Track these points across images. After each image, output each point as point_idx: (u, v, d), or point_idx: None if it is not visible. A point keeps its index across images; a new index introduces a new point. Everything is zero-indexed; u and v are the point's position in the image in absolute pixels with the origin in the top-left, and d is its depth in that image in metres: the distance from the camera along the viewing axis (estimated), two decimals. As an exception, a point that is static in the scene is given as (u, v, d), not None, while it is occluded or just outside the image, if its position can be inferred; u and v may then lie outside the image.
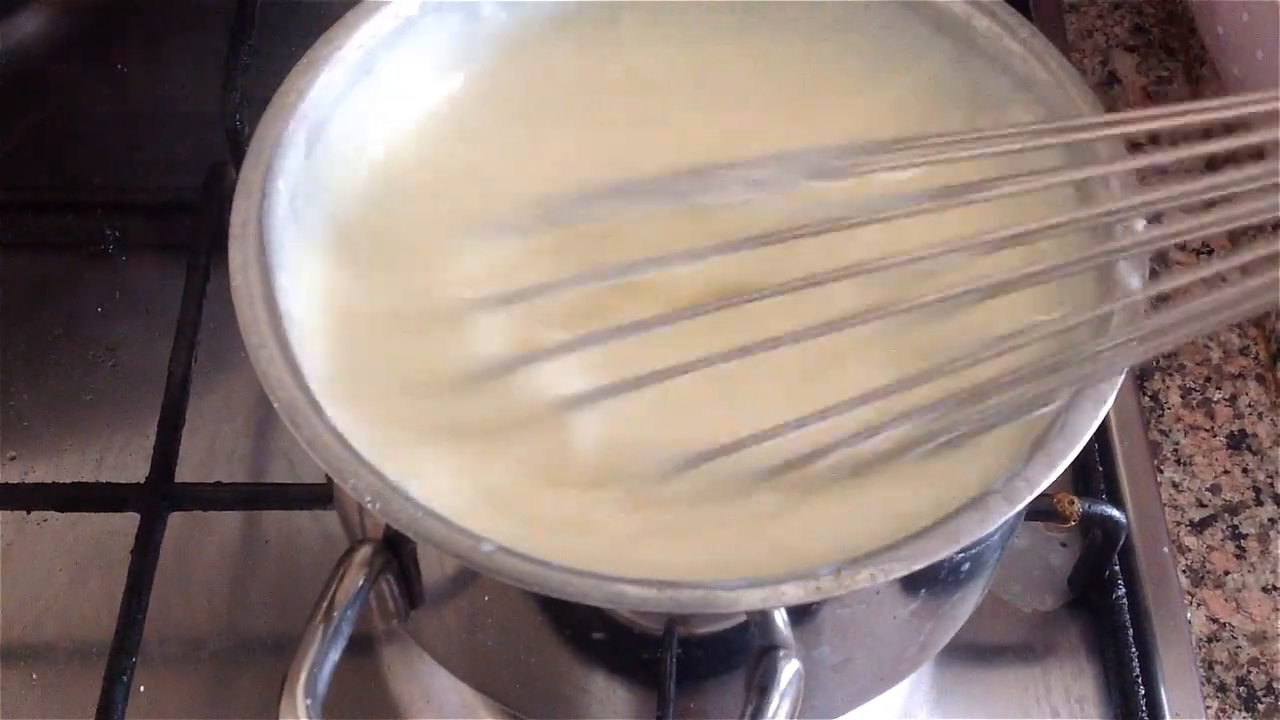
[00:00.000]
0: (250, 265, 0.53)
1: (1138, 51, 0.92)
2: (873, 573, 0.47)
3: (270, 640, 0.68)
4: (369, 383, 0.55)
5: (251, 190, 0.55)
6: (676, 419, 0.54)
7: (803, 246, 0.51)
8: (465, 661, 0.60)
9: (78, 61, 0.89)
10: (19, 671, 0.67)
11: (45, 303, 0.79)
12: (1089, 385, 0.50)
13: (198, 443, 0.73)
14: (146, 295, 0.79)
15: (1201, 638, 0.70)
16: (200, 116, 0.82)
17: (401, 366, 0.56)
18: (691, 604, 0.46)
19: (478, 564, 0.47)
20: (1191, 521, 0.73)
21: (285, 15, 0.82)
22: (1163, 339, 0.51)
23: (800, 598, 0.46)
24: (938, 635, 0.59)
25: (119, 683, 0.62)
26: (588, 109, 0.64)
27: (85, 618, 0.69)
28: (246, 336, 0.51)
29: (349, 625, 0.50)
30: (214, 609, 0.69)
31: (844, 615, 0.52)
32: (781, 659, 0.49)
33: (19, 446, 0.74)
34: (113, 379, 0.77)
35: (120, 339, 0.78)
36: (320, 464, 0.49)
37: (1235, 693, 0.68)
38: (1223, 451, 0.76)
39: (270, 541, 0.71)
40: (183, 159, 0.83)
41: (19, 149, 0.85)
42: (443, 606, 0.55)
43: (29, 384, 0.76)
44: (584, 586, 0.46)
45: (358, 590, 0.50)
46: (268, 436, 0.74)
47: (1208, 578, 0.72)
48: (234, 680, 0.67)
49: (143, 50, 0.90)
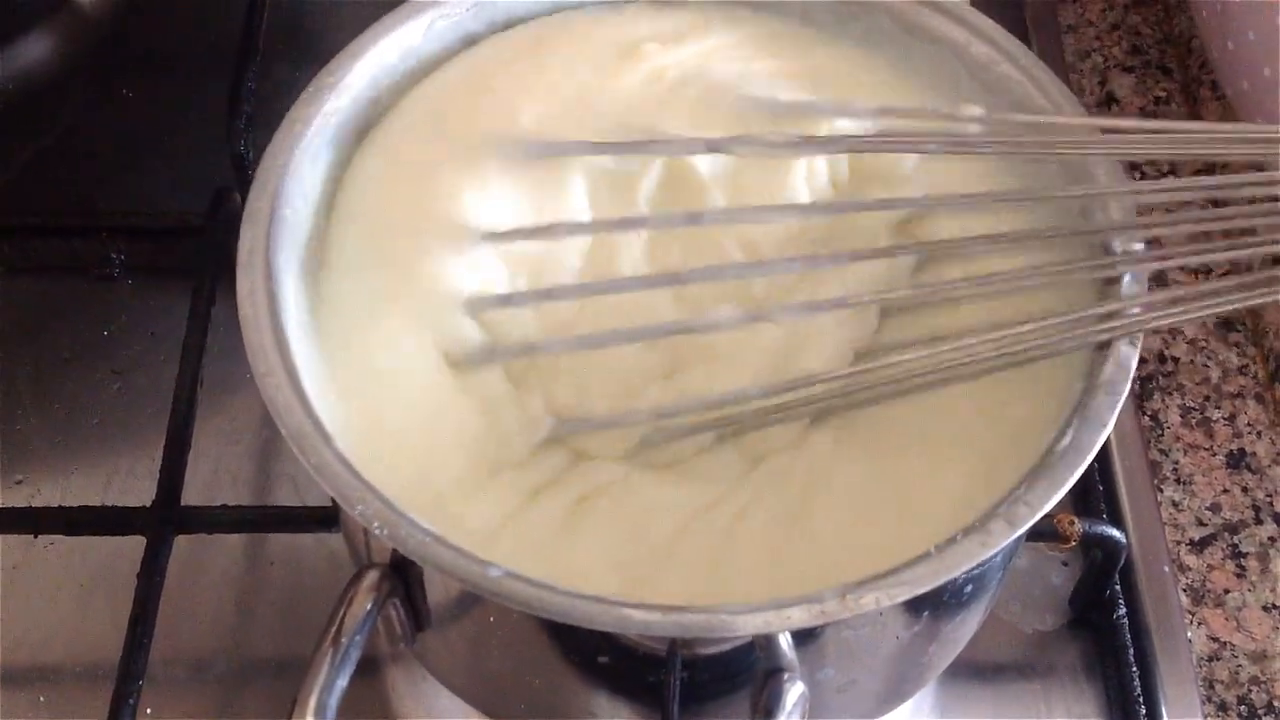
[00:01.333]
0: (258, 293, 0.53)
1: (1135, 72, 0.93)
2: (878, 596, 0.47)
3: (275, 663, 0.69)
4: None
5: (258, 218, 0.55)
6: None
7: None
8: (471, 684, 0.60)
9: (83, 86, 0.90)
10: (26, 694, 0.68)
11: (51, 326, 0.79)
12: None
13: (203, 466, 0.73)
14: (152, 319, 0.80)
15: (1202, 656, 0.70)
16: (205, 142, 0.82)
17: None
18: (696, 628, 0.47)
19: (484, 589, 0.47)
20: (1192, 540, 0.74)
21: (290, 42, 0.83)
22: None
23: (805, 621, 0.47)
24: (940, 656, 0.59)
25: (125, 705, 0.62)
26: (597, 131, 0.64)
27: (91, 640, 0.69)
28: (254, 364, 0.52)
29: (357, 650, 0.50)
30: (219, 631, 0.69)
31: (848, 638, 0.52)
32: (786, 682, 0.49)
33: (25, 470, 0.74)
34: (118, 402, 0.77)
35: (126, 362, 0.78)
36: (328, 490, 0.49)
37: (1236, 711, 0.69)
38: (1222, 470, 0.76)
39: (275, 564, 0.71)
40: (188, 184, 0.83)
41: (25, 173, 0.86)
42: (449, 630, 0.56)
43: (35, 407, 0.77)
44: (589, 611, 0.47)
45: (365, 615, 0.50)
46: (272, 459, 0.74)
47: (1208, 596, 0.72)
48: (240, 703, 0.68)
49: (148, 75, 0.90)
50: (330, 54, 0.60)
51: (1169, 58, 0.94)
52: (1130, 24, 0.95)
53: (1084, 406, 0.52)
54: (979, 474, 0.53)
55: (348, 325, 0.56)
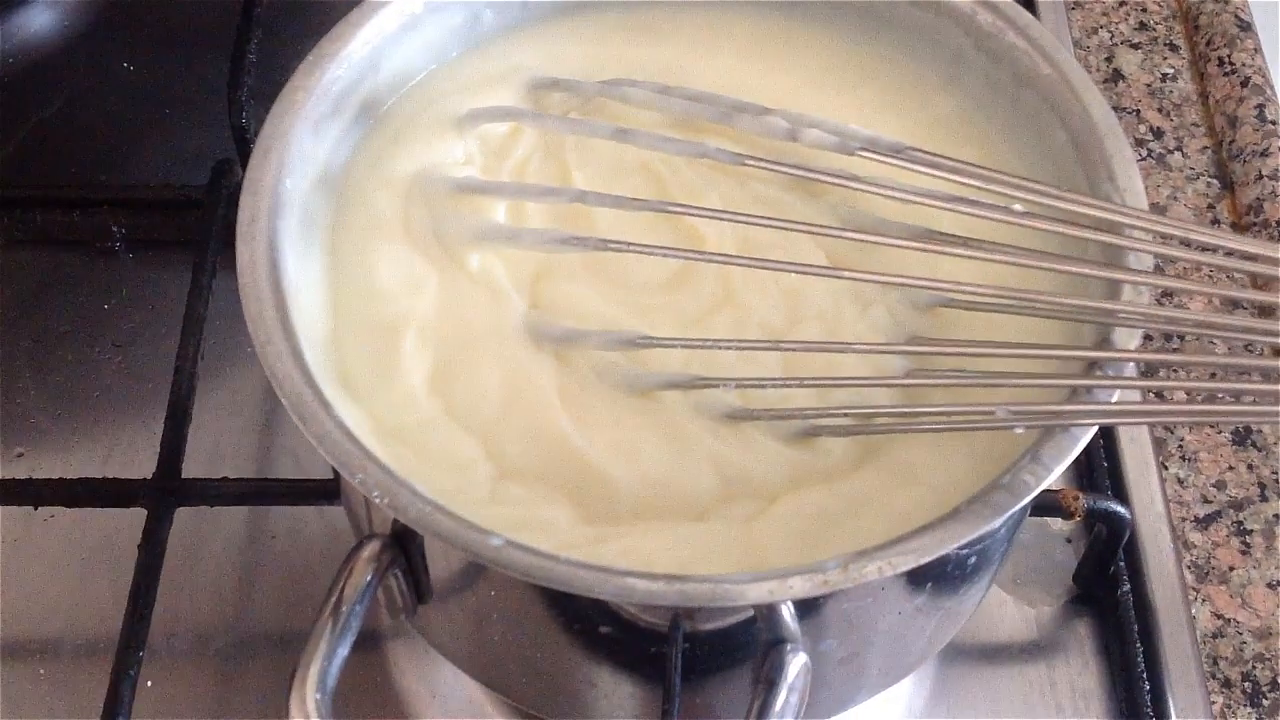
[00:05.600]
0: (258, 263, 0.53)
1: (1142, 49, 0.92)
2: (880, 566, 0.47)
3: (277, 635, 0.69)
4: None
5: (258, 188, 0.55)
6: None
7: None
8: (472, 657, 0.60)
9: (84, 59, 0.90)
10: (27, 667, 0.68)
11: (52, 299, 0.79)
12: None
13: (204, 438, 0.73)
14: (153, 292, 0.79)
15: (1206, 633, 0.70)
16: (206, 114, 0.82)
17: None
18: (698, 597, 0.47)
19: (486, 558, 0.47)
20: (1197, 517, 0.74)
21: (291, 13, 0.83)
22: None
23: (807, 590, 0.46)
24: (943, 630, 0.59)
25: (126, 678, 0.62)
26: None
27: (92, 613, 0.69)
28: (254, 333, 0.51)
29: (357, 621, 0.50)
30: (221, 604, 0.69)
31: (851, 609, 0.52)
32: (789, 653, 0.49)
33: (26, 443, 0.74)
34: (119, 375, 0.77)
35: (127, 335, 0.78)
36: (328, 459, 0.49)
37: (1240, 688, 0.68)
38: (1227, 448, 0.76)
39: (277, 536, 0.71)
40: (189, 156, 0.83)
41: (25, 146, 0.86)
42: (450, 602, 0.56)
43: (36, 380, 0.76)
44: (591, 580, 0.47)
45: (366, 585, 0.50)
46: (274, 432, 0.74)
47: (1213, 573, 0.72)
48: (241, 675, 0.68)
49: (149, 47, 0.90)
50: (331, 26, 0.60)
51: (1176, 34, 0.93)
52: (1137, 0, 0.95)
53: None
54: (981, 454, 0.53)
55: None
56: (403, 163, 0.60)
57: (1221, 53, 0.89)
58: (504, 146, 0.62)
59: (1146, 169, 0.87)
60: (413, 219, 0.59)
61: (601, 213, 0.59)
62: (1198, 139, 0.88)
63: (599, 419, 0.55)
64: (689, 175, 0.61)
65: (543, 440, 0.55)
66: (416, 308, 0.57)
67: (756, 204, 0.60)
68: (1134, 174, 0.56)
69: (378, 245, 0.58)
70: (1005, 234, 0.54)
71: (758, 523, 0.53)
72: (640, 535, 0.52)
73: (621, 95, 0.62)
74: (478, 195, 0.59)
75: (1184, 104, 0.89)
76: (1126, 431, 0.74)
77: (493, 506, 0.53)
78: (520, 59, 0.64)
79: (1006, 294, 0.52)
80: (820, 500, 0.53)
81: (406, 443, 0.54)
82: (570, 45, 0.65)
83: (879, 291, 0.58)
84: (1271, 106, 0.86)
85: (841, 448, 0.55)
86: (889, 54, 0.64)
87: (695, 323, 0.58)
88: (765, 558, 0.51)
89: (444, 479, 0.53)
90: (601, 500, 0.53)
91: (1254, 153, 0.84)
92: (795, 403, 0.55)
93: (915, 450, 0.54)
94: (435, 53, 0.63)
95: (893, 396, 0.56)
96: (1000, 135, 0.62)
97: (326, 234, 0.59)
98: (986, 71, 0.62)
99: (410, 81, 0.63)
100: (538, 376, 0.56)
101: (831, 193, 0.59)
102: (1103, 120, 0.58)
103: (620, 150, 0.60)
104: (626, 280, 0.59)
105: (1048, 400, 0.52)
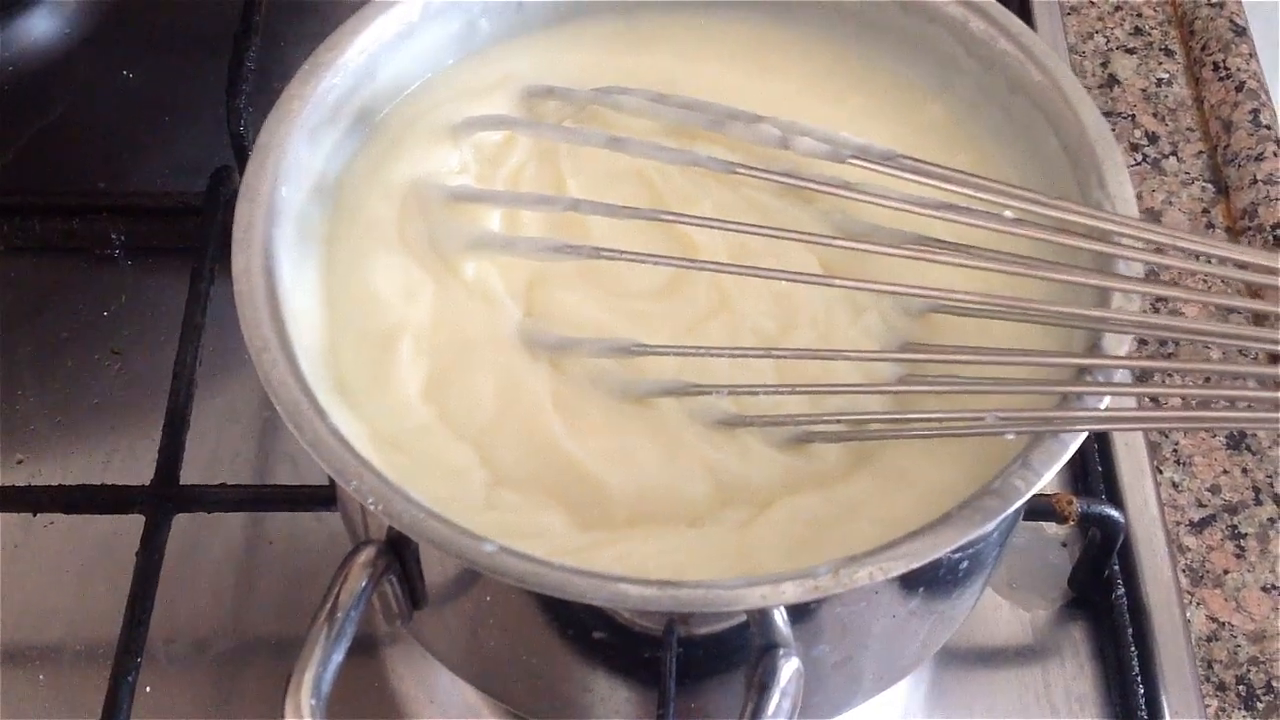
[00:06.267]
0: (254, 270, 0.53)
1: (1137, 54, 0.93)
2: (871, 571, 0.47)
3: (274, 641, 0.69)
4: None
5: (254, 196, 0.55)
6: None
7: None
8: (468, 662, 0.60)
9: (83, 67, 0.90)
10: (25, 672, 0.68)
11: (51, 306, 0.80)
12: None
13: (202, 445, 0.73)
14: (151, 299, 0.80)
15: (1201, 637, 0.70)
16: (205, 121, 0.82)
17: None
18: (691, 603, 0.47)
19: (480, 564, 0.47)
20: (1191, 521, 0.74)
21: (289, 21, 0.83)
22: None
23: (799, 596, 0.47)
24: (937, 634, 0.59)
25: (124, 683, 0.63)
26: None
27: (91, 619, 0.69)
28: (250, 340, 0.52)
29: (353, 626, 0.50)
30: (218, 610, 0.70)
31: (843, 614, 0.52)
32: (781, 657, 0.49)
33: (25, 449, 0.75)
34: (118, 382, 0.77)
35: (126, 342, 0.78)
36: (323, 466, 0.49)
37: (1235, 691, 0.69)
38: (1222, 452, 0.76)
39: (274, 543, 0.71)
40: (187, 163, 0.84)
41: (25, 153, 0.86)
42: (445, 607, 0.56)
43: (35, 387, 0.77)
44: (585, 586, 0.47)
45: (361, 591, 0.51)
46: (271, 439, 0.75)
47: (1207, 577, 0.72)
48: (238, 680, 0.68)
49: (148, 55, 0.90)
50: (328, 33, 0.60)
51: (1171, 39, 0.93)
52: (1133, 5, 0.95)
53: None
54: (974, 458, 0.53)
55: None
56: (398, 171, 0.60)
57: (1216, 58, 0.90)
58: (499, 154, 0.62)
59: (1141, 174, 0.87)
60: (408, 227, 0.59)
61: (596, 220, 0.59)
62: (1193, 144, 0.88)
63: (593, 426, 0.55)
64: (682, 182, 0.61)
65: (537, 447, 0.55)
66: (412, 315, 0.57)
67: (749, 210, 0.61)
68: (1124, 180, 0.57)
69: (373, 253, 0.59)
70: (997, 241, 0.55)
71: (751, 528, 0.53)
72: (634, 541, 0.52)
73: (615, 103, 0.62)
74: (473, 203, 0.60)
75: (1179, 109, 0.90)
76: (1121, 436, 0.74)
77: (487, 513, 0.53)
78: (515, 67, 0.64)
79: (998, 300, 0.53)
80: (813, 506, 0.53)
81: (401, 449, 0.54)
82: (564, 54, 0.65)
83: (872, 298, 0.58)
84: (1266, 111, 0.86)
85: (834, 453, 0.55)
86: (882, 61, 0.65)
87: (689, 329, 0.58)
88: (759, 563, 0.52)
89: (439, 486, 0.53)
90: (596, 506, 0.54)
91: (1249, 157, 0.85)
92: (788, 409, 0.56)
93: (907, 456, 0.54)
94: (431, 61, 0.64)
95: (885, 402, 0.56)
96: (992, 142, 0.62)
97: (322, 242, 0.59)
98: (978, 78, 0.62)
99: (406, 90, 0.63)
100: (532, 384, 0.56)
101: (824, 199, 0.60)
102: (1094, 127, 0.58)
103: (614, 158, 0.60)
104: (620, 288, 0.59)
105: (1039, 406, 0.52)
